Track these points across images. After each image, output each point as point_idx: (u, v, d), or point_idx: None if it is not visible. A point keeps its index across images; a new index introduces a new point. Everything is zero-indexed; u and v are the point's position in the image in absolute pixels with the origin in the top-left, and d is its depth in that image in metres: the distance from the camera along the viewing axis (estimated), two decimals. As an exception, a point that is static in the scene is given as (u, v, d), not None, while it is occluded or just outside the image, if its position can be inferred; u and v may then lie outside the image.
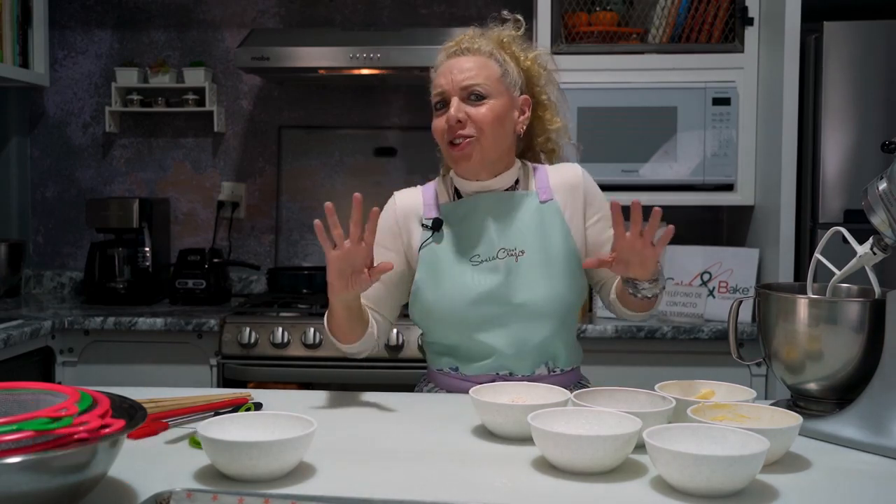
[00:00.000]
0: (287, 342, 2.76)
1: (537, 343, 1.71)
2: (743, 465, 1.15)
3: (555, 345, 1.74)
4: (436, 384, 1.81)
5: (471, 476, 1.26)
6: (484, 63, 1.71)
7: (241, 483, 1.19)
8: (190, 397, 1.57)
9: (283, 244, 3.49)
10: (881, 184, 1.43)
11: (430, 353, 1.83)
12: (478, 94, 1.69)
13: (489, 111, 1.69)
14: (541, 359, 1.74)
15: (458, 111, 1.68)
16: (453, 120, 1.68)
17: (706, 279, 2.92)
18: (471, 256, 1.72)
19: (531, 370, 1.73)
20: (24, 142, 3.53)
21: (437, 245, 1.74)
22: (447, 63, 1.74)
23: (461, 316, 1.70)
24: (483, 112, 1.68)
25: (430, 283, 1.73)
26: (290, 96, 3.50)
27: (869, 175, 1.53)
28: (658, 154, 2.90)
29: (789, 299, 1.51)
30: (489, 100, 1.69)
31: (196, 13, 3.50)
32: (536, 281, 1.70)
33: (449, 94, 1.70)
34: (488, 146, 1.70)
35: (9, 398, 1.15)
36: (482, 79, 1.69)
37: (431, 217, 1.76)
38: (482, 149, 1.69)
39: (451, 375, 1.77)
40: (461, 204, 1.76)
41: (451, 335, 1.74)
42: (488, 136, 1.69)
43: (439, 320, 1.72)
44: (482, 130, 1.68)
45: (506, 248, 1.71)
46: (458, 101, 1.69)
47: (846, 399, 1.48)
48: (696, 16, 2.92)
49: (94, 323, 2.83)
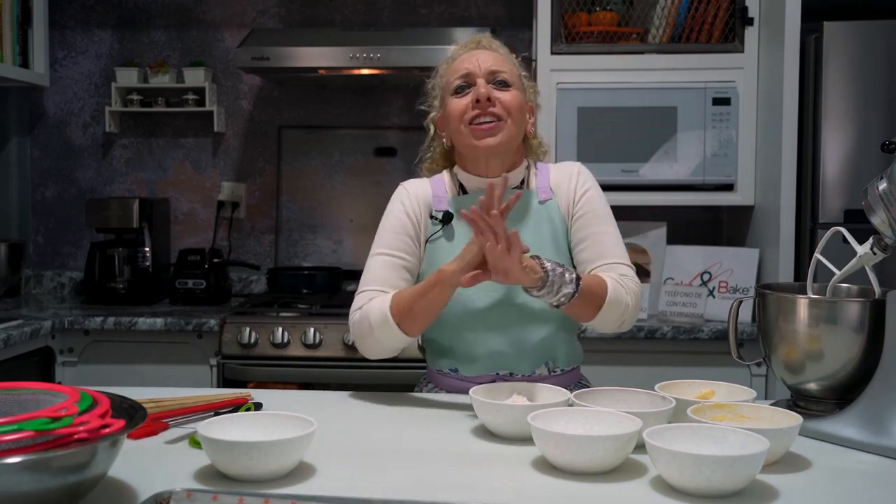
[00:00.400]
0: (287, 342, 2.76)
1: (537, 343, 1.70)
2: (743, 465, 1.15)
3: (554, 344, 1.73)
4: (436, 384, 1.81)
5: (471, 476, 1.26)
6: (505, 60, 1.75)
7: (241, 483, 1.20)
8: (190, 397, 1.57)
9: (283, 244, 3.49)
10: (881, 184, 1.43)
11: (429, 353, 1.82)
12: (503, 81, 1.70)
13: (514, 98, 1.70)
14: (541, 359, 1.72)
15: (488, 90, 1.67)
16: (483, 97, 1.66)
17: (706, 279, 2.92)
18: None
19: (531, 370, 1.72)
20: (24, 142, 3.53)
21: (445, 242, 1.72)
22: (468, 53, 1.74)
23: (461, 316, 1.69)
24: (509, 97, 1.69)
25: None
26: (290, 96, 3.50)
27: (869, 175, 1.53)
28: (658, 154, 2.90)
29: (789, 299, 1.51)
30: (513, 89, 1.71)
31: (196, 13, 3.50)
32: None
33: (475, 76, 1.70)
34: (511, 132, 1.69)
35: (9, 398, 1.15)
36: (507, 69, 1.72)
37: (442, 210, 1.74)
38: (506, 132, 1.69)
39: (451, 376, 1.76)
40: (467, 199, 1.73)
41: (451, 335, 1.73)
42: (513, 122, 1.69)
43: (440, 320, 1.67)
44: (509, 113, 1.68)
45: None
46: (484, 82, 1.69)
47: (846, 399, 1.48)
48: (696, 16, 2.92)
49: (94, 323, 2.83)
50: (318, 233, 3.48)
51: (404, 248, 1.71)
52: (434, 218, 1.74)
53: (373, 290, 1.69)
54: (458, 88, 1.71)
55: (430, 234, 1.73)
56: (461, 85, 1.71)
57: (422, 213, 1.74)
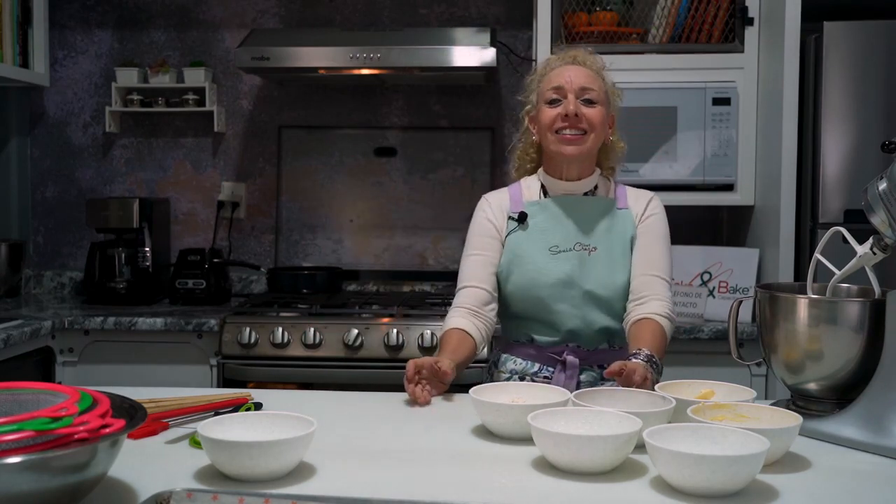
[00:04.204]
0: (287, 342, 2.76)
1: (601, 326, 1.94)
2: (743, 465, 1.16)
3: (612, 325, 1.95)
4: (511, 354, 2.00)
5: (471, 476, 1.26)
6: (595, 77, 1.96)
7: (241, 483, 1.20)
8: (190, 397, 1.57)
9: (283, 244, 3.49)
10: (881, 184, 1.43)
11: (509, 327, 2.04)
12: (590, 100, 1.92)
13: (598, 114, 1.93)
14: (601, 336, 1.95)
15: (576, 106, 1.90)
16: (572, 113, 1.90)
17: (706, 279, 2.92)
18: (550, 247, 1.95)
19: (595, 346, 1.95)
20: (24, 142, 3.53)
21: (522, 234, 1.98)
22: (563, 67, 1.96)
23: (538, 295, 1.93)
24: (594, 113, 1.92)
25: (514, 265, 1.96)
26: (290, 96, 3.50)
27: (869, 175, 1.53)
28: (658, 154, 2.90)
29: (789, 299, 1.51)
30: (598, 106, 1.93)
31: (196, 13, 3.50)
32: (603, 273, 1.93)
33: (566, 91, 1.92)
34: (592, 144, 1.94)
35: (9, 398, 1.15)
36: (595, 87, 1.94)
37: (518, 211, 2.00)
38: (588, 144, 1.93)
39: (527, 345, 1.98)
40: (548, 202, 2.00)
41: (528, 310, 1.96)
42: (595, 135, 1.93)
43: (520, 299, 1.95)
44: (593, 127, 1.92)
45: (581, 243, 1.95)
46: (574, 98, 1.91)
47: (846, 399, 1.48)
48: (696, 16, 2.92)
49: (95, 323, 2.83)
50: (318, 233, 3.48)
51: (489, 247, 2.00)
52: (511, 218, 2.00)
53: (469, 287, 1.98)
54: (551, 101, 1.94)
55: (509, 230, 2.00)
56: (554, 98, 1.93)
57: (501, 216, 2.02)
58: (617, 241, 1.96)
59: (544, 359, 1.94)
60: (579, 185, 1.98)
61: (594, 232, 1.96)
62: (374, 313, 2.86)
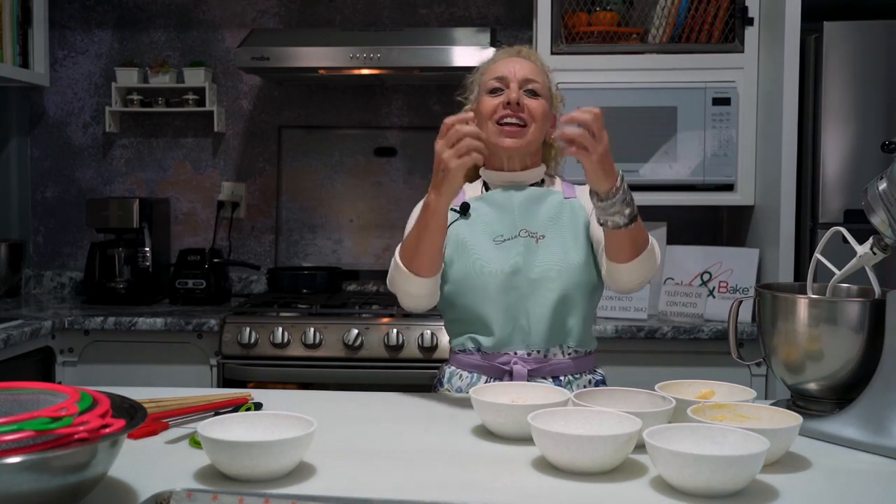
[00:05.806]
0: (287, 342, 2.76)
1: (549, 314, 1.80)
2: (743, 465, 1.15)
3: (566, 319, 1.82)
4: (457, 366, 1.87)
5: (471, 476, 1.26)
6: (539, 71, 1.92)
7: (241, 483, 1.20)
8: (190, 397, 1.57)
9: (283, 244, 3.49)
10: (881, 184, 1.43)
11: (452, 334, 1.91)
12: (533, 91, 1.87)
13: (540, 106, 1.87)
14: (553, 335, 1.81)
15: (519, 95, 1.84)
16: (514, 101, 1.83)
17: (706, 279, 2.92)
18: (494, 237, 1.85)
19: (545, 347, 1.81)
20: (24, 142, 3.53)
21: (464, 223, 1.88)
22: (507, 59, 1.91)
23: (482, 285, 1.81)
24: (536, 105, 1.86)
25: (457, 253, 1.84)
26: (290, 96, 3.50)
27: (869, 175, 1.53)
28: (658, 154, 2.90)
29: (789, 299, 1.51)
30: (541, 99, 1.88)
31: (196, 13, 3.50)
32: (556, 255, 1.81)
33: (509, 81, 1.86)
34: (532, 137, 1.86)
35: (9, 398, 1.15)
36: (539, 80, 1.89)
37: (459, 203, 1.91)
38: (528, 137, 1.86)
39: (472, 354, 1.84)
40: (490, 194, 1.91)
41: (472, 305, 1.82)
42: (536, 128, 1.86)
43: (463, 291, 1.82)
44: (533, 119, 1.86)
45: (527, 230, 1.84)
46: (517, 87, 1.85)
47: (846, 399, 1.48)
48: (696, 16, 2.92)
49: (95, 323, 2.83)
50: (318, 233, 3.48)
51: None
52: (454, 210, 1.88)
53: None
54: (493, 89, 1.88)
55: (451, 221, 1.85)
56: (496, 87, 1.87)
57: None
58: (567, 228, 1.85)
59: (491, 370, 1.80)
60: (523, 175, 1.90)
61: (540, 220, 1.85)
62: (374, 313, 2.86)
